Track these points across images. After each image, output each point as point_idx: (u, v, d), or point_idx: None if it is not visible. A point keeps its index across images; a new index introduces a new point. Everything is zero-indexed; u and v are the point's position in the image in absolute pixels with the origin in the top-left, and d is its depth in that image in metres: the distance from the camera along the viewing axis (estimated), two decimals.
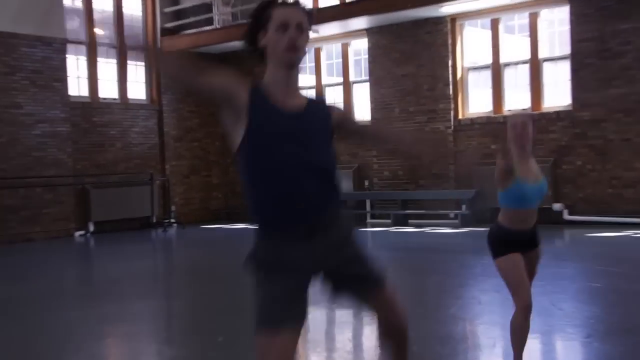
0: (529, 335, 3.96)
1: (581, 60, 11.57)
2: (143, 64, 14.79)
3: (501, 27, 12.68)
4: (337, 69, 14.96)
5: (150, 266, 10.39)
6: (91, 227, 13.52)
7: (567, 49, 11.95)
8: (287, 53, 2.51)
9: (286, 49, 2.51)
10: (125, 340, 5.78)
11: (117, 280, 8.57)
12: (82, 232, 13.43)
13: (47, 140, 12.99)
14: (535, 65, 12.21)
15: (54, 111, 13.08)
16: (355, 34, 14.05)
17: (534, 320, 5.51)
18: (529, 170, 4.00)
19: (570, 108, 11.78)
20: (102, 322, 6.24)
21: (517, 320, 3.97)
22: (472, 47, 13.33)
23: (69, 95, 13.41)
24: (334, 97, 14.81)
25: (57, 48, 13.11)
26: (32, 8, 12.68)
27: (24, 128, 12.67)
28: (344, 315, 6.08)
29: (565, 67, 12.01)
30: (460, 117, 12.97)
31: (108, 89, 14.38)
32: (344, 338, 5.67)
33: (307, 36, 2.59)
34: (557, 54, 12.57)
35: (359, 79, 14.59)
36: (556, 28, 12.98)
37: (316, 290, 2.72)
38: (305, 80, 15.21)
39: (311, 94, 2.85)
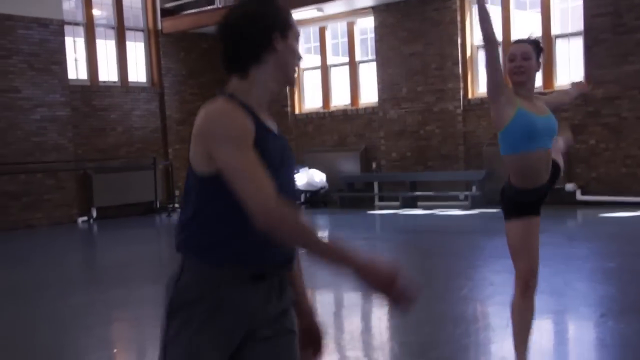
0: (541, 316, 3.65)
1: (595, 36, 11.25)
2: (142, 44, 14.55)
3: (512, 3, 12.35)
4: (342, 49, 14.66)
5: (155, 251, 10.32)
6: (94, 213, 13.32)
7: (580, 25, 11.62)
8: (295, 72, 2.13)
9: (296, 69, 2.14)
10: (135, 324, 5.77)
11: (122, 265, 8.55)
12: (84, 218, 13.24)
13: (47, 125, 12.76)
14: (548, 42, 11.86)
15: (53, 95, 12.85)
16: (361, 12, 13.75)
17: (548, 301, 5.33)
18: (532, 106, 3.42)
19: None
20: (110, 306, 6.25)
21: (515, 299, 3.50)
22: None
23: (68, 79, 13.16)
24: (340, 78, 14.54)
25: (55, 30, 12.85)
26: None
27: (22, 112, 12.44)
28: (352, 297, 5.92)
29: (578, 44, 11.68)
30: (469, 96, 12.69)
31: (107, 72, 14.12)
32: (353, 320, 5.57)
33: None
34: (570, 30, 12.22)
35: (365, 58, 14.30)
36: (569, 3, 12.62)
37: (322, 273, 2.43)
38: (311, 60, 14.93)
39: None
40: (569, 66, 12.05)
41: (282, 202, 1.85)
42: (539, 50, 3.48)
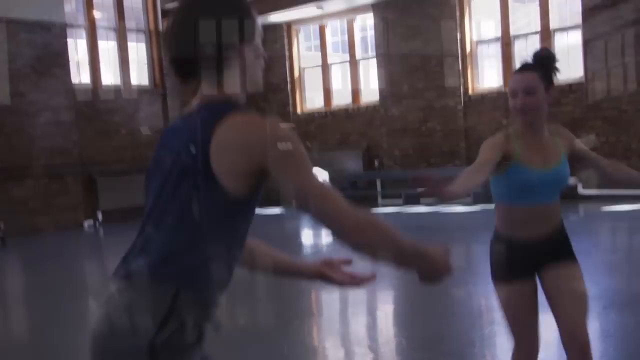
0: (545, 308, 2.93)
1: (593, 30, 11.30)
2: (144, 45, 14.64)
3: None
4: (342, 47, 14.73)
5: None
6: (100, 217, 13.40)
7: (578, 18, 11.68)
8: (262, 76, 1.92)
9: (262, 72, 1.92)
10: None
11: None
12: (90, 222, 13.32)
13: (52, 129, 12.84)
14: (546, 36, 11.94)
15: (57, 99, 12.93)
16: (361, 9, 13.82)
17: None
18: (538, 151, 2.80)
19: (582, 80, 11.54)
20: None
21: None
22: (480, 19, 13.06)
23: (72, 82, 13.24)
24: (341, 76, 14.61)
25: (57, 33, 12.93)
26: None
27: (27, 117, 12.52)
28: (358, 293, 5.99)
29: (577, 37, 11.74)
30: (470, 92, 12.76)
31: (110, 74, 14.21)
32: (359, 316, 5.64)
33: None
34: (569, 23, 12.28)
35: (365, 56, 14.36)
36: None
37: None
38: (311, 59, 15.00)
39: None
40: (568, 60, 12.10)
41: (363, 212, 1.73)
42: (549, 73, 2.84)
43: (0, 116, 12.22)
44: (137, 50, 14.67)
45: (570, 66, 12.00)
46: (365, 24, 14.35)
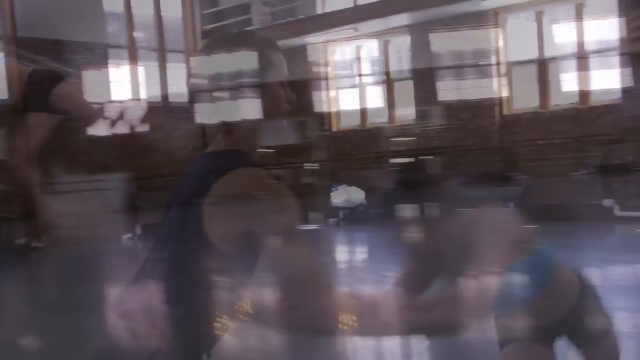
0: None
1: (630, 51, 11.25)
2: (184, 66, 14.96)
3: (545, 19, 12.44)
4: (378, 67, 14.87)
5: None
6: (138, 230, 13.65)
7: (615, 39, 11.64)
8: (282, 115, 1.85)
9: (283, 112, 1.85)
10: None
11: None
12: (130, 235, 13.56)
13: (93, 145, 13.15)
14: (582, 57, 11.91)
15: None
16: (396, 30, 13.94)
17: None
18: None
19: (620, 101, 11.48)
20: None
21: None
22: (516, 40, 13.09)
23: (112, 100, 13.58)
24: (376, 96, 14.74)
25: (99, 53, 13.30)
26: (73, 14, 12.88)
27: (70, 134, 12.84)
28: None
29: (614, 58, 11.69)
30: (505, 112, 12.76)
31: (150, 92, 14.54)
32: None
33: None
34: (605, 44, 12.24)
35: (400, 75, 14.48)
36: (604, 17, 12.64)
37: None
38: (347, 79, 15.17)
39: None
40: (605, 81, 12.06)
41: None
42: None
43: None
44: (177, 70, 14.99)
45: (607, 87, 11.95)
46: (401, 45, 14.48)
